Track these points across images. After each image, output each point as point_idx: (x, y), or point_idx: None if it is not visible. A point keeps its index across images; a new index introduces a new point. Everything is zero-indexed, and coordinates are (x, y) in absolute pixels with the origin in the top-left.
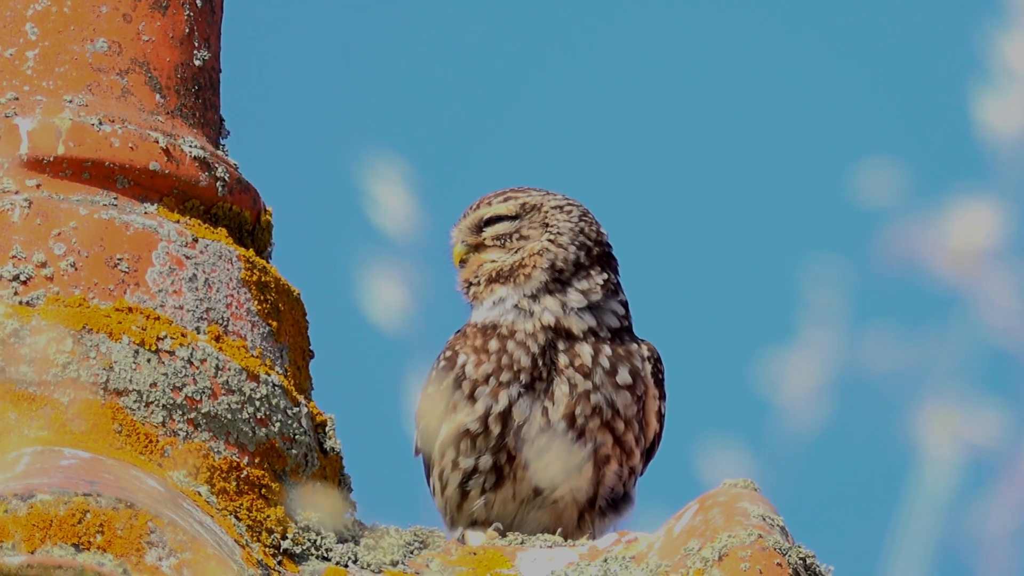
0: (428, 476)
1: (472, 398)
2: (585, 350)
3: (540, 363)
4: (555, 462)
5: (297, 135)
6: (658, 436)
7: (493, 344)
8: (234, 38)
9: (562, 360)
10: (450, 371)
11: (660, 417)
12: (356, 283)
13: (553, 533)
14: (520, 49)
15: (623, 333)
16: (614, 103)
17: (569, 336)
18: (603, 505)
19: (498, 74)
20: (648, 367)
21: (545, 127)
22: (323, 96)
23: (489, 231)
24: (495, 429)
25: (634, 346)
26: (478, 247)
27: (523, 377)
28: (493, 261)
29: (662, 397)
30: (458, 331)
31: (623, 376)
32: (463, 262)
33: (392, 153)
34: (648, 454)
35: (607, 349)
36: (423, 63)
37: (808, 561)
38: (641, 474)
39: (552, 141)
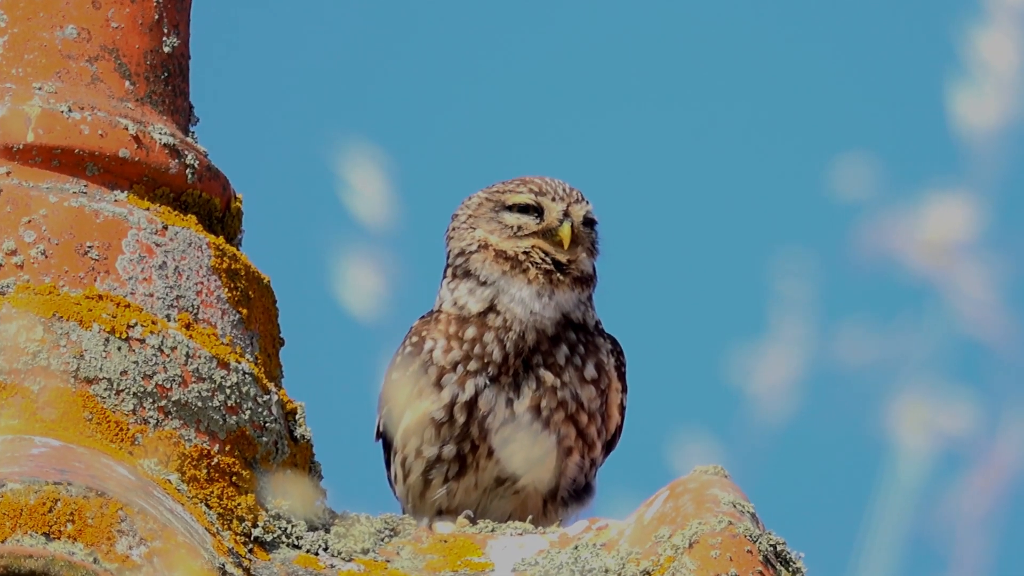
0: (388, 463)
1: (439, 385)
2: (562, 350)
3: (516, 358)
4: (520, 451)
5: (271, 122)
6: (619, 428)
7: (470, 332)
8: (204, 24)
9: (536, 359)
10: (416, 356)
11: (622, 410)
12: (330, 270)
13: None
14: (495, 37)
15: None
16: (588, 93)
17: (551, 338)
18: (565, 496)
19: (472, 62)
20: (611, 360)
21: (518, 116)
22: (296, 83)
23: (584, 230)
24: (460, 418)
25: (599, 340)
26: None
27: (491, 370)
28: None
29: (624, 390)
30: (422, 317)
31: (589, 371)
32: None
33: (366, 140)
34: (609, 446)
35: (581, 348)
36: (396, 50)
37: (779, 548)
38: (600, 465)
39: (524, 130)
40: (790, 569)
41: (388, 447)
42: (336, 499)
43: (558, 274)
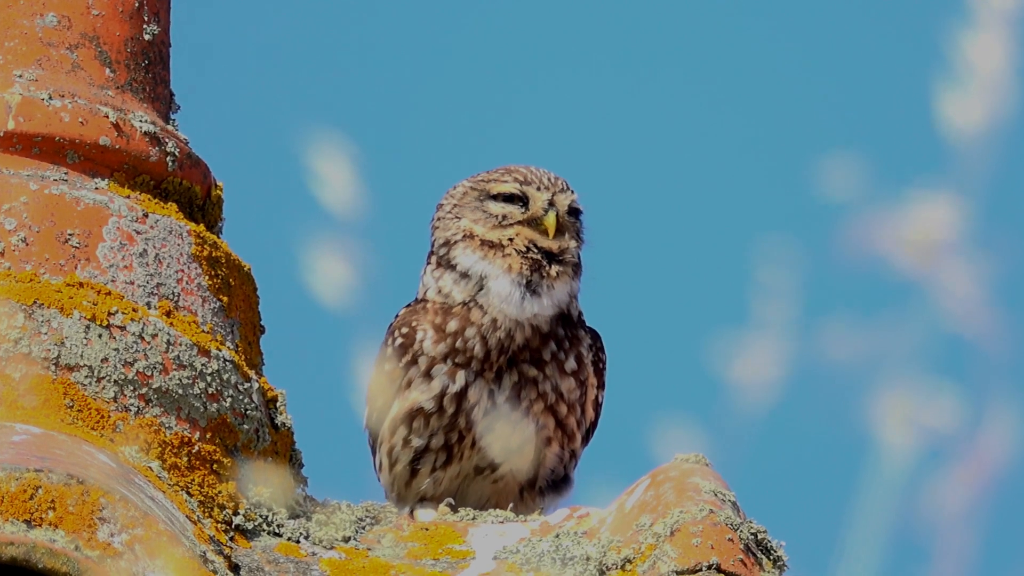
0: (374, 451)
1: (428, 376)
2: (549, 346)
3: (501, 352)
4: (500, 440)
5: (245, 111)
6: (593, 424)
7: (452, 325)
8: (184, 12)
9: (523, 354)
10: (408, 348)
11: (597, 406)
12: (300, 260)
13: (497, 508)
14: (467, 24)
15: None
16: (569, 82)
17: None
18: (543, 486)
19: (442, 50)
20: (590, 356)
21: (490, 104)
22: (270, 72)
23: (569, 220)
24: (449, 409)
25: (580, 332)
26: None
27: (474, 365)
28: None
29: (600, 387)
30: (408, 305)
31: (570, 363)
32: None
33: (337, 131)
34: (584, 440)
35: (565, 341)
36: (371, 41)
37: (760, 536)
38: (580, 456)
39: (500, 119)
40: (771, 558)
41: (374, 437)
42: (317, 487)
43: (556, 265)
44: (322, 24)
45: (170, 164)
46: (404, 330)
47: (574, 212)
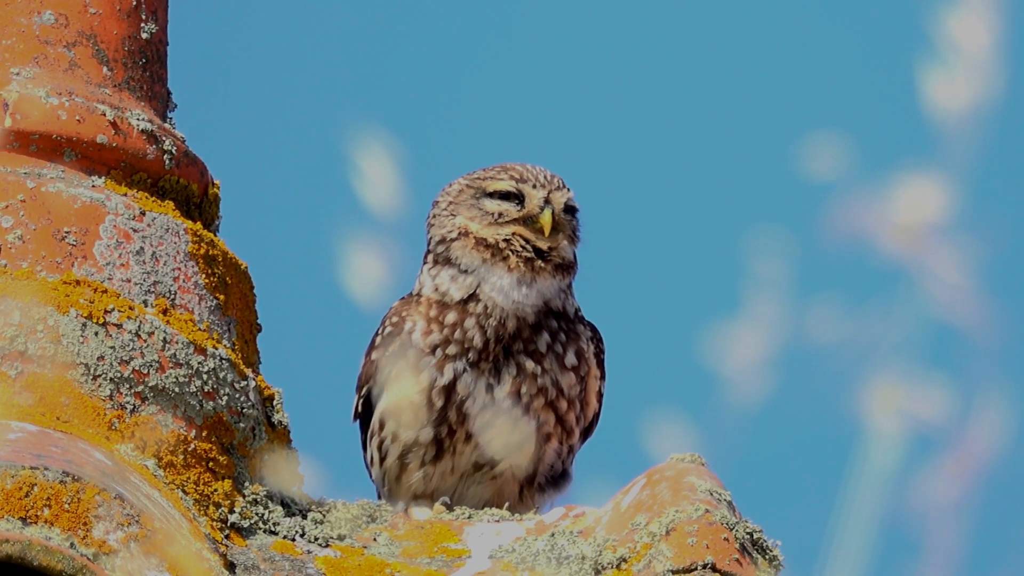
0: (365, 445)
1: (417, 368)
2: (543, 338)
3: (496, 344)
4: (500, 437)
5: (265, 109)
6: (596, 415)
7: (450, 317)
8: (187, 10)
9: (517, 345)
10: (396, 337)
11: (599, 396)
12: (337, 256)
13: (493, 507)
14: (504, 25)
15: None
16: (560, 75)
17: (532, 326)
18: (542, 482)
19: (482, 49)
20: (591, 348)
21: (522, 106)
22: (311, 71)
23: (565, 217)
24: (438, 402)
25: (580, 327)
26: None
27: (471, 355)
28: (553, 243)
29: (602, 377)
30: (403, 298)
31: (569, 358)
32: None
33: (379, 127)
34: (586, 432)
35: (562, 335)
36: (400, 35)
37: (755, 536)
38: (577, 451)
39: (520, 115)
40: (767, 557)
41: (365, 429)
42: (313, 486)
43: (539, 261)
44: (350, 17)
45: (167, 162)
46: (394, 319)
47: (570, 210)
